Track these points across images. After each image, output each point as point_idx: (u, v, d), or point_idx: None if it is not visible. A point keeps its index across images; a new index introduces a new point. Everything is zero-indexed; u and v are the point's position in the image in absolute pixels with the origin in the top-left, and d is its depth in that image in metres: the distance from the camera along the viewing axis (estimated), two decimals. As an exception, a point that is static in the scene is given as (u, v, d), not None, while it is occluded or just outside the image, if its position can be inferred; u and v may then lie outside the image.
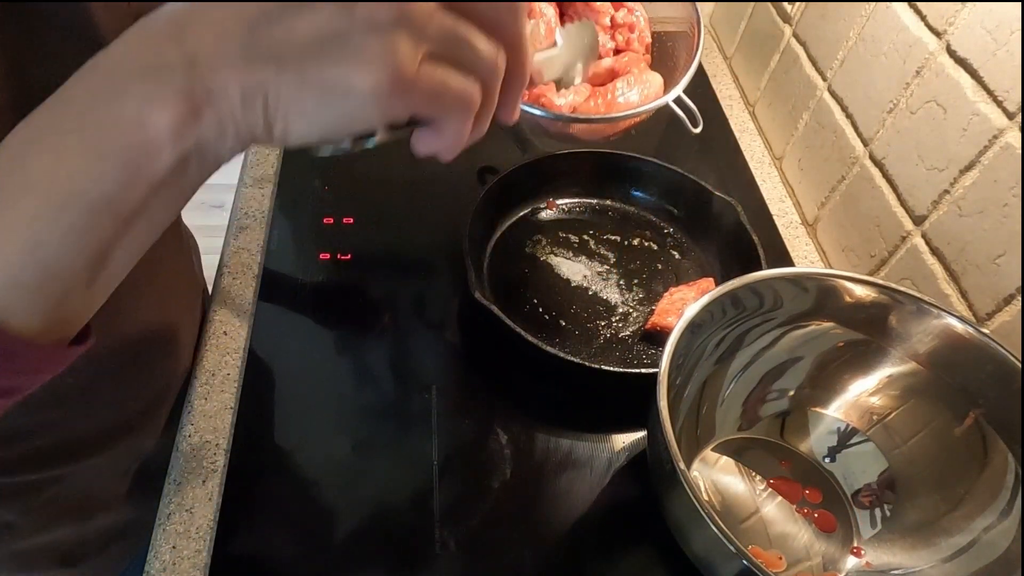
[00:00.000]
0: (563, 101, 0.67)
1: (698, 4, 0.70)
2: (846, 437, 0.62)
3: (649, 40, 0.74)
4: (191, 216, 0.64)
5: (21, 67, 0.35)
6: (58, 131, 0.26)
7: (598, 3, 0.71)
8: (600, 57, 0.71)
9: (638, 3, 0.74)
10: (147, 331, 0.36)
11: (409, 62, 0.26)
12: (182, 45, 0.26)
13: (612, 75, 0.70)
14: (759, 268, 0.69)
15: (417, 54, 0.27)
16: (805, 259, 0.83)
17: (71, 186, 0.26)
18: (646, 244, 0.80)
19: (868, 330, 0.59)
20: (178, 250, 0.65)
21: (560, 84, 0.57)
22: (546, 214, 0.82)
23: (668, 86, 0.71)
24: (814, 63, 0.85)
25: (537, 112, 0.65)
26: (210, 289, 0.74)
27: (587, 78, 0.58)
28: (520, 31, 0.30)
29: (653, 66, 0.74)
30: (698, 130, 0.66)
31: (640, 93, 0.68)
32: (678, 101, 0.67)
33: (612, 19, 0.73)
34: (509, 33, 0.30)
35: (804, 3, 0.87)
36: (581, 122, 0.68)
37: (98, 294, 0.29)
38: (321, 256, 0.76)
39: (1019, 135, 0.57)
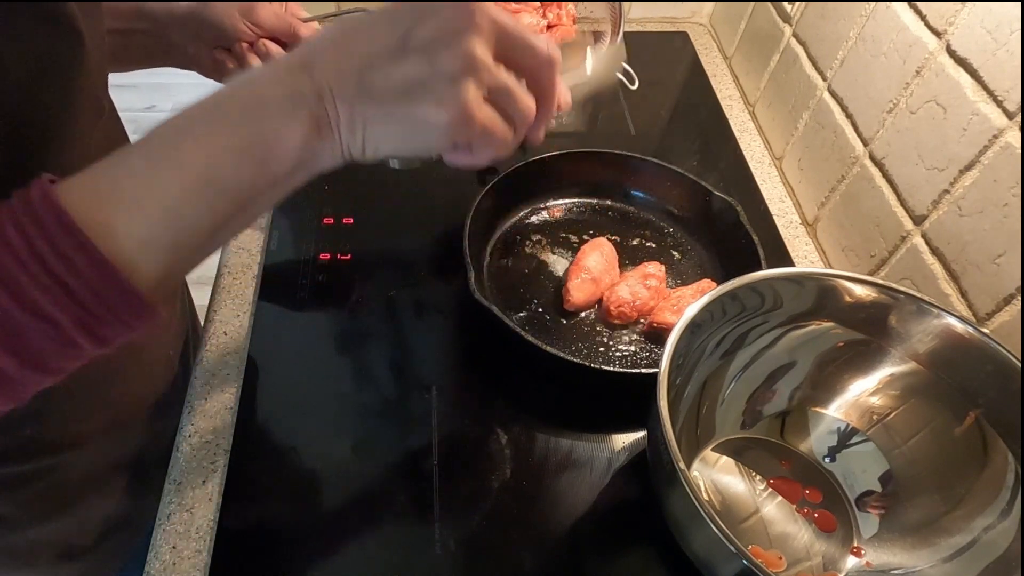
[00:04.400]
0: None
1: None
2: (846, 437, 0.62)
3: (575, 13, 0.81)
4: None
5: None
6: (210, 130, 0.34)
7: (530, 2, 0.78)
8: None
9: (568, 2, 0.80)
10: None
11: (473, 106, 0.35)
12: (313, 80, 0.34)
13: None
14: (759, 268, 0.69)
15: (479, 99, 0.35)
16: (805, 259, 0.83)
17: (213, 173, 0.34)
18: (646, 244, 0.80)
19: (868, 330, 0.59)
20: None
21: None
22: (546, 214, 0.82)
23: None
24: (814, 63, 0.85)
25: None
26: (210, 289, 0.74)
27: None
28: (552, 83, 0.39)
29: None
30: (635, 87, 0.71)
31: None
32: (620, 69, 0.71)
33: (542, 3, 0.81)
34: (544, 85, 0.39)
35: (804, 3, 0.87)
36: None
37: (190, 267, 0.36)
38: (321, 256, 0.77)
39: (1019, 135, 0.57)
